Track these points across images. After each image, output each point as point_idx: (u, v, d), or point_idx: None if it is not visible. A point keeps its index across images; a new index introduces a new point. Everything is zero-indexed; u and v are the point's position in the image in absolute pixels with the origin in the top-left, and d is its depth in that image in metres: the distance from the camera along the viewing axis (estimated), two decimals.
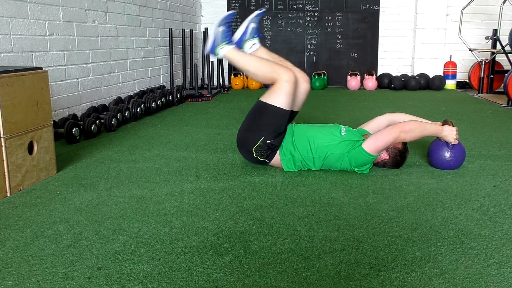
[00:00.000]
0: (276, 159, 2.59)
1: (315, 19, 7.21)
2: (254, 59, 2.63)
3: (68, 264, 1.52)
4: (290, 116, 2.65)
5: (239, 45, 2.69)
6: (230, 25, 2.66)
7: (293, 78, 2.50)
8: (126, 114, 4.04)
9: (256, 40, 2.72)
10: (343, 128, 2.60)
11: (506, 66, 5.94)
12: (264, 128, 2.53)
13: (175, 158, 2.91)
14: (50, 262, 1.54)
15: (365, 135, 2.60)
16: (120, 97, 4.62)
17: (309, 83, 2.68)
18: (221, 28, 2.61)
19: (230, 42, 2.63)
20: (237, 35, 2.70)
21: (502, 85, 5.15)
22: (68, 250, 1.63)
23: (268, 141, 2.52)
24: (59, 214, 1.98)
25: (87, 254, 1.60)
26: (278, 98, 2.51)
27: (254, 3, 7.29)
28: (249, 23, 2.69)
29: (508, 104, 4.97)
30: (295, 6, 7.22)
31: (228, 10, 7.31)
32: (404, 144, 2.55)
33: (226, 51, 2.61)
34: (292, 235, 1.73)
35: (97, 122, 3.57)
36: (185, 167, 2.69)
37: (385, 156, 2.53)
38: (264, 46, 2.80)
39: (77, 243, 1.68)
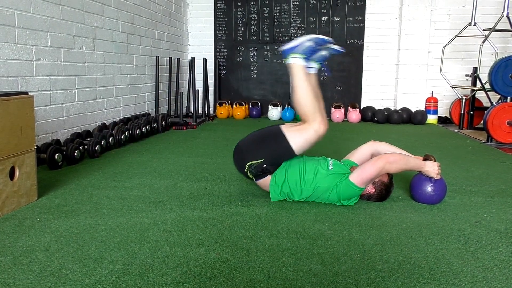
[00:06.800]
0: (264, 182, 2.60)
1: None
2: (308, 90, 2.56)
3: None
4: None
5: (287, 53, 2.58)
6: (318, 48, 2.60)
7: (323, 131, 2.53)
8: (110, 141, 4.02)
9: (308, 63, 2.59)
10: (331, 162, 2.63)
11: (485, 103, 6.08)
12: (269, 153, 2.53)
13: (158, 186, 2.89)
14: None
15: (352, 167, 2.62)
16: (104, 123, 4.60)
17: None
18: (309, 43, 2.56)
19: (306, 58, 2.58)
20: (290, 44, 2.57)
21: (482, 121, 5.27)
22: (47, 279, 1.59)
23: (265, 165, 2.54)
24: (39, 241, 1.94)
25: (67, 283, 1.56)
26: (297, 139, 2.51)
27: (240, 34, 7.40)
28: (306, 39, 2.54)
29: (487, 140, 5.07)
30: (281, 38, 7.35)
31: (215, 40, 7.42)
32: (390, 178, 2.58)
33: (295, 62, 2.56)
34: (275, 268, 1.72)
35: (81, 148, 3.54)
36: (168, 196, 2.67)
37: (370, 189, 2.55)
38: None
39: (56, 272, 1.65)
